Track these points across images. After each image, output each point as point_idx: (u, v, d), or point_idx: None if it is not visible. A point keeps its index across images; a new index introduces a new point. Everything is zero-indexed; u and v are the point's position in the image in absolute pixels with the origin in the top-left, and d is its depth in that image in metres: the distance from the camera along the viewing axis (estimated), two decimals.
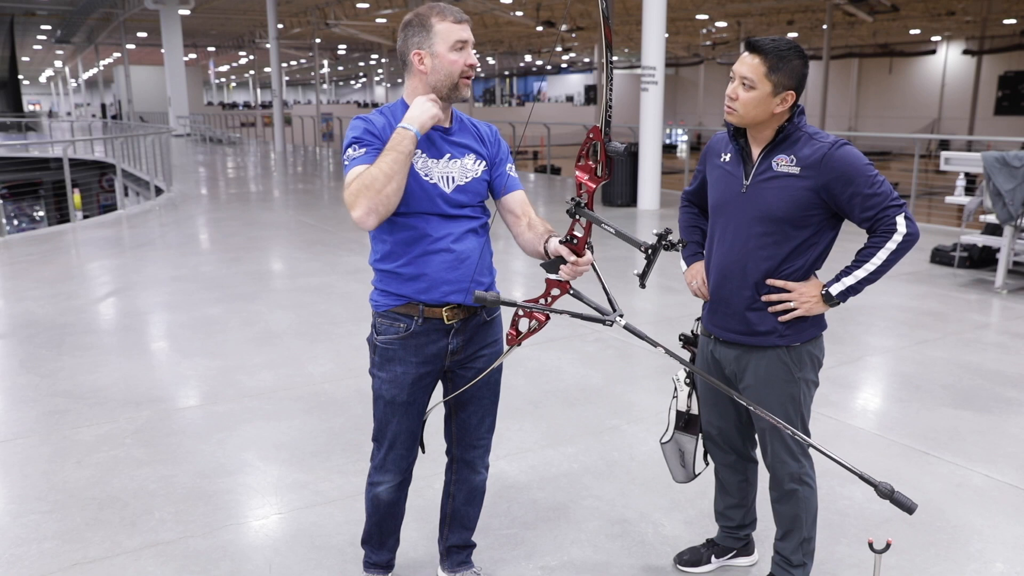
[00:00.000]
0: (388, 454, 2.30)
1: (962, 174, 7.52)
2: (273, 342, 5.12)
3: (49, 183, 19.88)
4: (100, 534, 2.87)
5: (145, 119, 32.19)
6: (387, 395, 2.23)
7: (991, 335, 5.33)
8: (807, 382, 2.29)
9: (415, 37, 2.08)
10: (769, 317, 2.23)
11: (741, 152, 2.24)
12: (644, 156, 11.18)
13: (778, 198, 2.15)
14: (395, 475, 2.32)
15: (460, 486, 2.45)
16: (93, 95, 62.26)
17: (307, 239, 8.94)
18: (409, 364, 2.19)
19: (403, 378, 2.20)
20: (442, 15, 2.06)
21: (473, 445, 2.40)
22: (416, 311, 2.16)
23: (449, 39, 2.05)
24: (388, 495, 2.34)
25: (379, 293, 2.21)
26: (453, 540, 2.52)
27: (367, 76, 77.08)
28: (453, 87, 2.09)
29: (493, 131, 2.29)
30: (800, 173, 2.12)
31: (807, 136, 2.15)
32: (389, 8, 30.53)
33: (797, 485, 2.33)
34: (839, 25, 34.38)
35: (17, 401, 4.16)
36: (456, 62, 2.06)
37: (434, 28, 2.06)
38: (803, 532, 2.37)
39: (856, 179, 2.09)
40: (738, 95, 2.11)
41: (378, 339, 2.21)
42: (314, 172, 18.05)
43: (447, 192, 2.13)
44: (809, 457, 2.35)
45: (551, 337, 5.16)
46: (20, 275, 7.09)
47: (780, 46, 2.07)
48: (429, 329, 2.17)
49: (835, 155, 2.10)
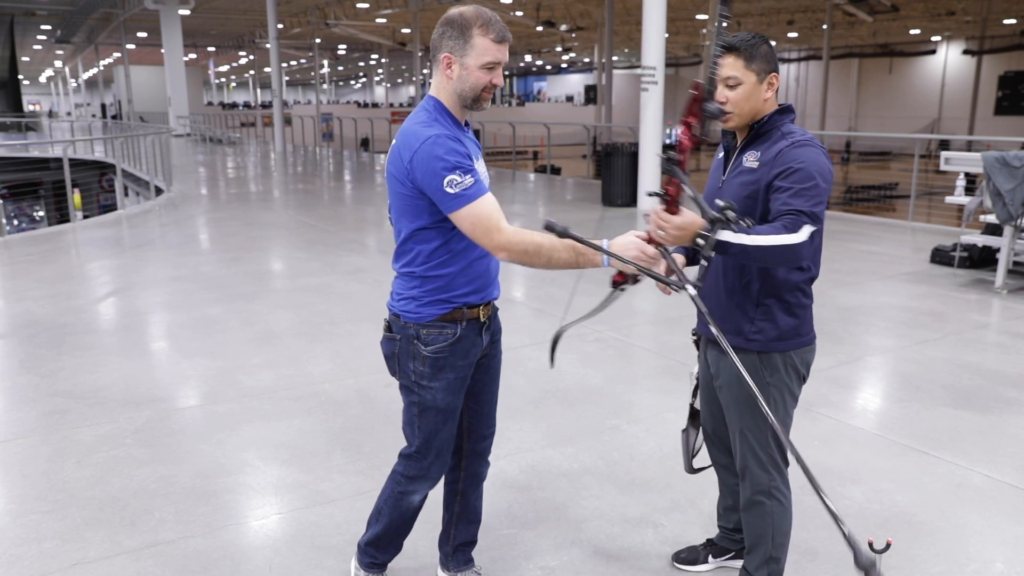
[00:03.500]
0: (434, 463, 2.29)
1: (962, 174, 7.52)
2: (273, 342, 5.12)
3: (49, 183, 19.90)
4: (100, 534, 2.87)
5: (145, 119, 32.19)
6: (442, 403, 2.21)
7: (991, 335, 5.33)
8: (780, 390, 2.20)
9: (451, 40, 2.04)
10: (737, 317, 2.19)
11: (728, 147, 2.27)
12: (644, 156, 11.17)
13: (738, 192, 2.15)
14: (433, 482, 2.33)
15: (469, 480, 2.46)
16: (93, 95, 62.27)
17: (307, 239, 8.94)
18: (460, 368, 2.22)
19: (456, 384, 2.22)
20: (485, 28, 2.01)
21: (484, 435, 2.44)
22: (461, 315, 2.17)
23: (483, 58, 2.03)
24: (420, 501, 2.36)
25: (423, 304, 2.15)
26: (461, 538, 2.53)
27: (367, 76, 77.09)
28: (475, 99, 2.09)
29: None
30: (757, 169, 2.11)
31: (780, 135, 2.13)
32: (389, 8, 30.54)
33: (764, 498, 2.26)
34: (839, 25, 34.39)
35: (17, 401, 4.16)
36: (483, 79, 2.05)
37: (473, 40, 2.02)
38: (768, 550, 2.29)
39: (800, 172, 2.01)
40: (728, 97, 2.11)
41: (427, 350, 2.16)
42: (314, 172, 18.04)
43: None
44: (782, 471, 2.27)
45: (551, 337, 5.15)
46: (20, 275, 7.09)
47: (745, 39, 2.10)
48: (471, 331, 2.21)
49: (790, 152, 2.05)
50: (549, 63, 60.84)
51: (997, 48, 35.49)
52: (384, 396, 4.13)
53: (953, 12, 31.00)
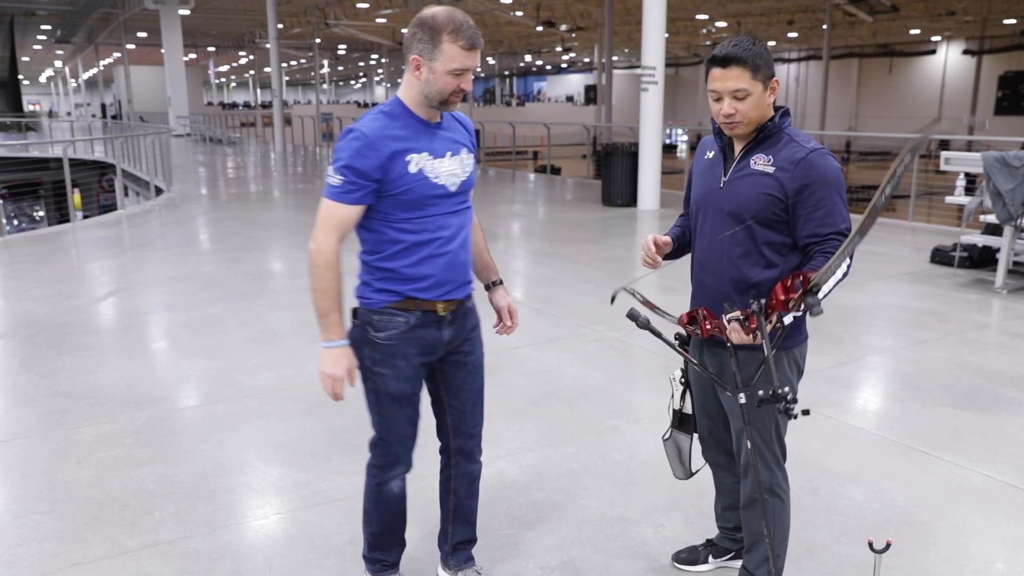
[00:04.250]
0: (399, 449, 2.32)
1: (962, 174, 7.53)
2: (273, 342, 5.12)
3: (49, 183, 19.91)
4: (100, 534, 2.87)
5: (145, 119, 32.19)
6: (394, 390, 2.25)
7: (991, 335, 5.33)
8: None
9: (421, 43, 2.03)
10: None
11: (724, 149, 2.26)
12: (644, 156, 11.18)
13: (749, 193, 2.15)
14: (405, 464, 2.35)
15: (460, 479, 2.46)
16: (93, 95, 62.29)
17: (307, 239, 8.91)
18: (411, 357, 2.23)
19: (408, 372, 2.24)
20: (455, 35, 2.01)
21: (470, 434, 2.43)
22: (414, 305, 2.19)
23: (451, 64, 2.02)
24: (399, 488, 2.37)
25: (374, 291, 2.20)
26: (459, 536, 2.53)
27: (367, 76, 77.09)
28: (443, 101, 2.10)
29: (469, 121, 2.32)
30: (774, 173, 2.12)
31: (788, 138, 2.15)
32: (389, 8, 30.54)
33: (766, 495, 2.27)
34: (839, 25, 34.40)
35: (17, 401, 4.16)
36: (450, 83, 2.05)
37: (442, 45, 2.01)
38: (769, 547, 2.29)
39: (827, 191, 2.09)
40: (736, 109, 2.10)
41: (378, 336, 2.20)
42: (314, 172, 18.04)
43: (452, 191, 2.17)
44: (783, 468, 2.30)
45: (551, 337, 5.16)
46: (20, 275, 7.10)
47: (747, 47, 2.08)
48: (426, 322, 2.21)
49: (814, 160, 2.09)
50: (549, 63, 60.87)
51: (997, 48, 35.50)
52: None
53: (953, 12, 31.00)
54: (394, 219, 2.13)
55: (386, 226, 2.14)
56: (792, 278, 1.95)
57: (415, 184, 2.09)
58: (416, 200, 2.10)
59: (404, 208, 2.11)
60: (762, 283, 2.17)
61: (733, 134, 2.18)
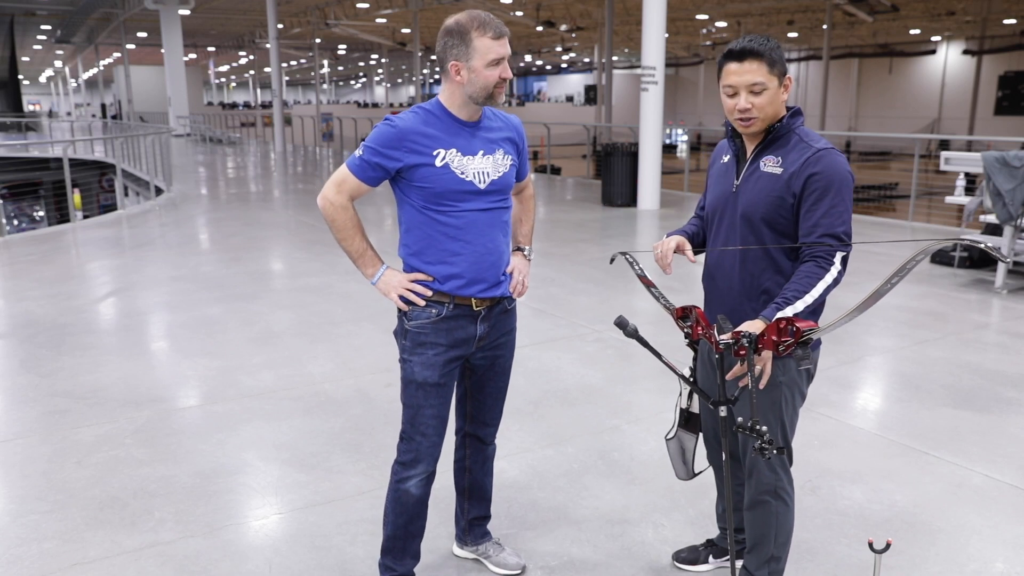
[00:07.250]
0: (421, 443, 2.33)
1: (962, 174, 7.53)
2: (273, 342, 5.12)
3: (49, 183, 19.92)
4: (100, 534, 2.87)
5: (145, 119, 32.20)
6: (419, 377, 2.28)
7: (991, 335, 5.33)
8: (791, 388, 2.22)
9: (454, 48, 2.14)
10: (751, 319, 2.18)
11: (737, 152, 2.25)
12: (644, 156, 11.17)
13: (759, 196, 2.15)
14: (427, 464, 2.35)
15: (475, 457, 2.57)
16: (93, 95, 62.27)
17: (307, 239, 8.94)
18: (440, 347, 2.27)
19: (435, 360, 2.28)
20: (482, 30, 2.11)
21: (486, 423, 2.54)
22: (447, 298, 2.25)
23: (487, 56, 2.12)
24: (418, 489, 2.37)
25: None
26: (474, 512, 2.63)
27: (367, 76, 77.11)
28: (488, 96, 2.18)
29: (519, 123, 2.39)
30: (782, 174, 2.12)
31: (798, 138, 2.15)
32: (389, 8, 30.55)
33: (770, 497, 2.26)
34: (839, 25, 34.39)
35: (17, 401, 4.16)
36: (491, 76, 2.15)
37: (473, 43, 2.12)
38: (770, 549, 2.30)
39: (829, 189, 2.08)
40: (753, 103, 2.10)
41: (409, 324, 2.27)
42: (314, 172, 18.04)
43: (481, 188, 2.22)
44: (788, 471, 2.29)
45: (551, 337, 5.16)
46: (20, 275, 7.09)
47: (761, 42, 2.09)
48: (459, 315, 2.28)
49: (821, 157, 2.09)
50: (549, 63, 60.87)
51: (997, 48, 35.48)
52: (384, 396, 4.13)
53: (953, 12, 31.00)
54: (428, 212, 2.21)
55: (421, 221, 2.22)
56: (787, 322, 1.93)
57: (440, 177, 2.17)
58: (442, 193, 2.18)
59: (433, 200, 2.19)
60: (772, 289, 2.17)
61: (747, 132, 2.17)
